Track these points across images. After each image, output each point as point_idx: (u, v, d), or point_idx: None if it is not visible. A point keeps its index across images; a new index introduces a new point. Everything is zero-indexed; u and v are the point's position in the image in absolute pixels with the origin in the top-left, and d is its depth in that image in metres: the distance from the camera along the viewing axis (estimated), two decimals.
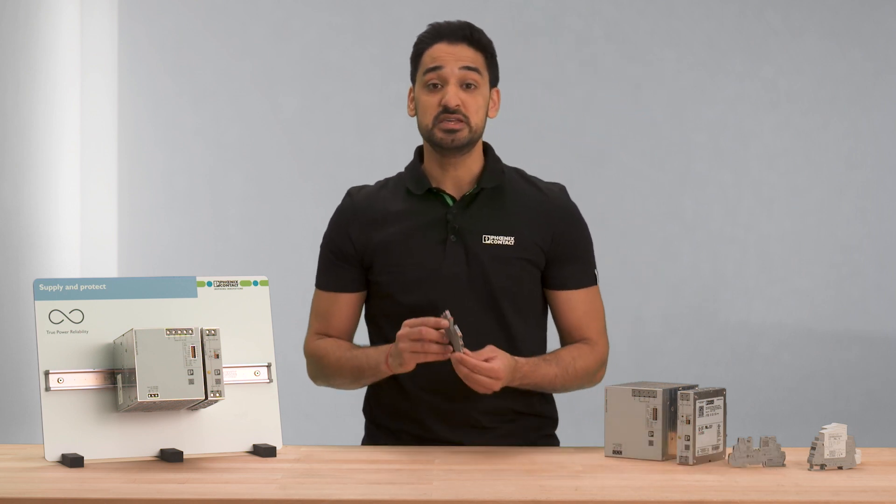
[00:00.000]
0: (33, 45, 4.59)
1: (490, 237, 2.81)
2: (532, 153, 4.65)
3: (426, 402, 2.79)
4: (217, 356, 2.46)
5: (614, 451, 2.56)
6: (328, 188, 4.17)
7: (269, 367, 2.65)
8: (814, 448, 2.43)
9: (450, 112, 2.76)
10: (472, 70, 2.78)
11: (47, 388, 2.50)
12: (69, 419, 2.49)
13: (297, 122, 5.34)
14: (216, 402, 2.49)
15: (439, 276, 2.78)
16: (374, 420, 2.90)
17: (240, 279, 2.67)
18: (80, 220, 5.10)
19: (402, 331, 2.65)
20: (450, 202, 2.82)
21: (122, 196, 5.30)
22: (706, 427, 2.51)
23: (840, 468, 2.44)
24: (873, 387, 5.43)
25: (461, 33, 2.80)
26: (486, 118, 2.82)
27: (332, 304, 2.87)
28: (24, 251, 4.49)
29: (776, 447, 2.47)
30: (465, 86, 2.78)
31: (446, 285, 2.77)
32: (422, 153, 2.88)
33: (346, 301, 2.86)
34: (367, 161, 5.28)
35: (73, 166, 5.03)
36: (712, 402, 2.52)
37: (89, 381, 2.52)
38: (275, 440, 2.61)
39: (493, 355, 2.63)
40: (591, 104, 5.39)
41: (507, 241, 2.80)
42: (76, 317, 2.54)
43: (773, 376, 5.42)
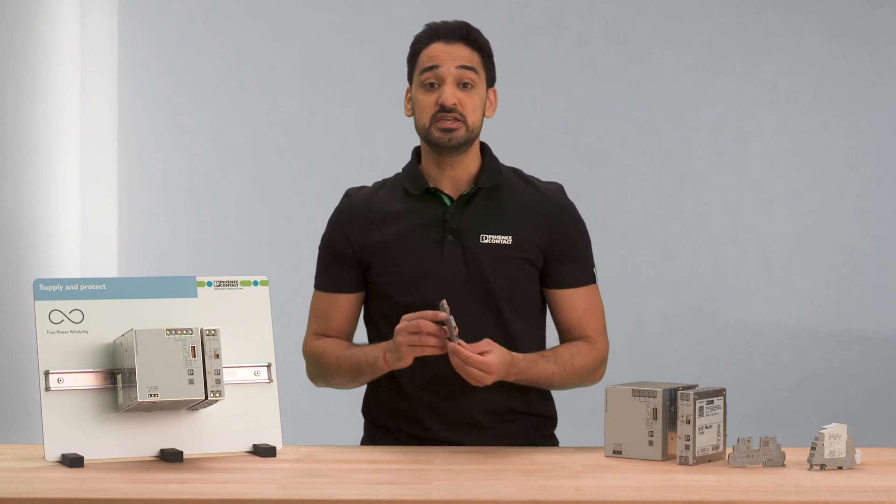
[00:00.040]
0: (33, 45, 4.59)
1: (488, 237, 2.80)
2: (532, 153, 4.65)
3: (425, 402, 2.79)
4: (217, 356, 2.46)
5: (614, 451, 2.56)
6: (328, 188, 4.16)
7: (269, 367, 2.65)
8: (814, 448, 2.43)
9: (447, 111, 2.76)
10: (468, 69, 2.78)
11: (47, 388, 2.50)
12: (69, 419, 2.49)
13: (297, 122, 5.34)
14: (216, 402, 2.49)
15: (437, 276, 2.78)
16: (374, 420, 2.89)
17: (240, 279, 2.67)
18: (80, 220, 5.09)
19: (401, 324, 2.65)
20: (447, 202, 2.82)
21: (122, 196, 5.29)
22: (706, 427, 2.51)
23: (840, 468, 2.44)
24: (873, 387, 5.43)
25: (458, 33, 2.80)
26: (483, 117, 2.81)
27: (331, 305, 2.87)
28: (24, 251, 4.49)
29: (776, 447, 2.47)
30: (461, 85, 2.78)
31: (444, 285, 2.77)
32: (419, 153, 2.88)
33: (344, 302, 2.86)
34: (366, 161, 5.28)
35: (73, 166, 5.03)
36: (712, 402, 2.52)
37: (89, 381, 2.52)
38: (275, 440, 2.61)
39: (488, 349, 2.64)
40: (591, 104, 5.38)
41: (505, 240, 2.80)
42: (76, 317, 2.54)
43: (773, 376, 5.42)
